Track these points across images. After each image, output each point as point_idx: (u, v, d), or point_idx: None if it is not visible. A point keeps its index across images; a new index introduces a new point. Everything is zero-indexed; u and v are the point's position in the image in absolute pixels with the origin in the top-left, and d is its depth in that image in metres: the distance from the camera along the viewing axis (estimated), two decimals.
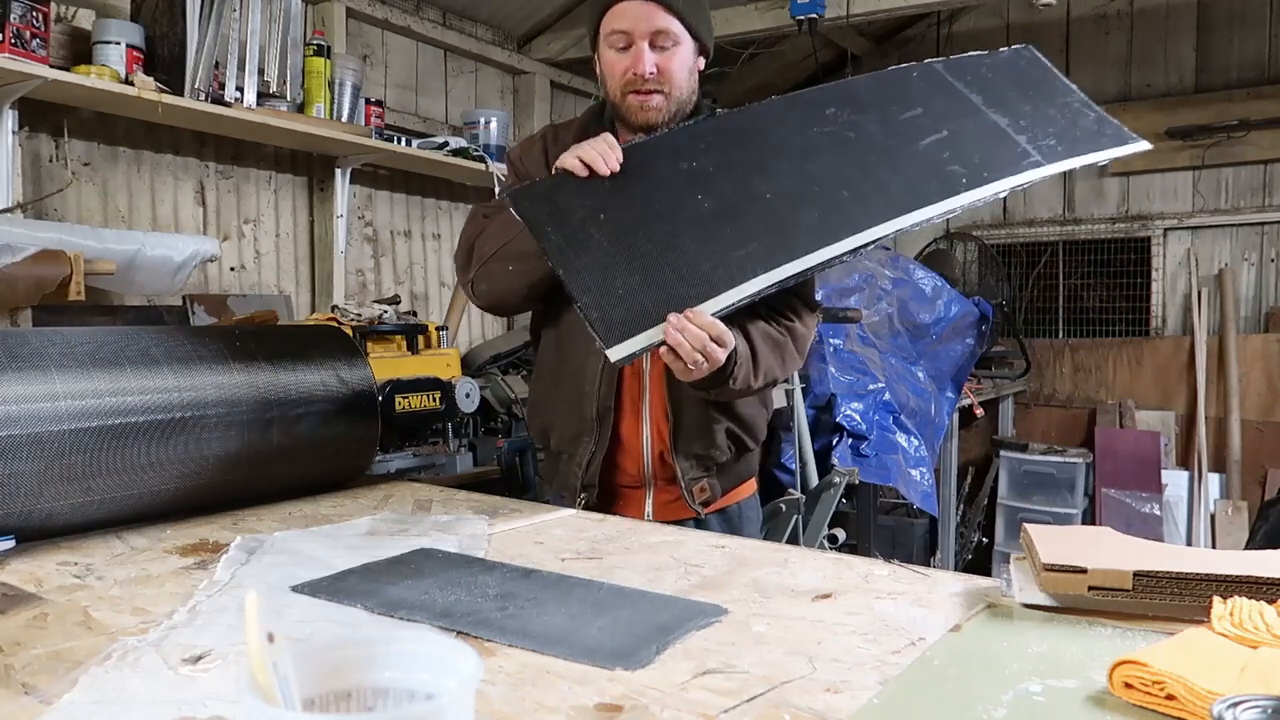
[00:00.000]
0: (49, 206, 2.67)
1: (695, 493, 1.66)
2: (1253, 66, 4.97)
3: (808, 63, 4.92)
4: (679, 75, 1.58)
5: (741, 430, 1.69)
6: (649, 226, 1.48)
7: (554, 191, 1.51)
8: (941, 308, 4.29)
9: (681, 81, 1.58)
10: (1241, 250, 5.04)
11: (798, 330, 1.62)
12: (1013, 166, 1.58)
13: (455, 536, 1.37)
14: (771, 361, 1.56)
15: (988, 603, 1.04)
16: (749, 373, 1.52)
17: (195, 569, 1.23)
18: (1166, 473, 4.98)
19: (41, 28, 2.38)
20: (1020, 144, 1.61)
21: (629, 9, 1.55)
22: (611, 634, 0.95)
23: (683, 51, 1.58)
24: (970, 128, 1.63)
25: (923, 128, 1.61)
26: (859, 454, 3.29)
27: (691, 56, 1.60)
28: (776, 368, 1.58)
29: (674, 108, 1.59)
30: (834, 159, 1.58)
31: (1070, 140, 1.65)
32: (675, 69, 1.57)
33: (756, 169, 1.55)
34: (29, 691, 0.83)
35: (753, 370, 1.52)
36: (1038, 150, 1.61)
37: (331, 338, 1.84)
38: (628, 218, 1.48)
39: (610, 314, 1.40)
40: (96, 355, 1.43)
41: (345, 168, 3.40)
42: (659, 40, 1.55)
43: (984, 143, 1.62)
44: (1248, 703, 0.68)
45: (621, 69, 1.57)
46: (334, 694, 0.61)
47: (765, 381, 1.58)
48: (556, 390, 1.69)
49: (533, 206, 1.50)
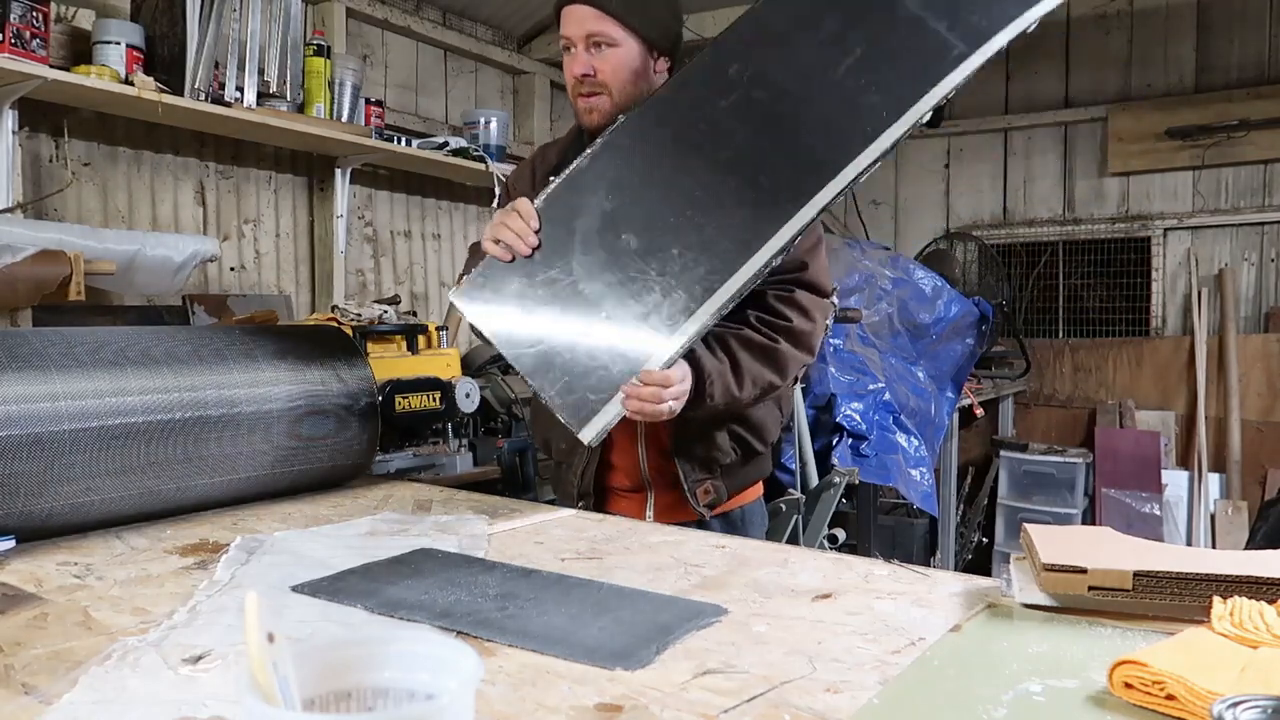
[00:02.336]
0: (49, 206, 2.67)
1: (699, 495, 1.65)
2: (1253, 66, 4.96)
3: None
4: (619, 76, 1.57)
5: (748, 432, 1.68)
6: (579, 289, 1.48)
7: (488, 279, 1.53)
8: (941, 308, 4.29)
9: (624, 82, 1.58)
10: (1241, 250, 5.04)
11: (796, 329, 1.59)
12: (936, 71, 1.38)
13: (455, 536, 1.37)
14: (760, 369, 1.54)
15: (988, 603, 1.04)
16: (729, 386, 1.51)
17: (195, 569, 1.23)
18: (1166, 473, 4.98)
19: (41, 28, 2.38)
20: (940, 32, 1.39)
21: (570, 13, 1.58)
22: (611, 634, 0.95)
23: (622, 53, 1.57)
24: (883, 31, 1.41)
25: (832, 54, 1.42)
26: (859, 454, 3.29)
27: (637, 58, 1.59)
28: (769, 373, 1.56)
29: (618, 113, 1.56)
30: (747, 136, 1.45)
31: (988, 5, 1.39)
32: (612, 71, 1.57)
33: (671, 182, 1.48)
34: (29, 691, 0.83)
35: (735, 383, 1.52)
36: (961, 36, 1.38)
37: (331, 338, 1.84)
38: (559, 287, 1.49)
39: (569, 399, 1.45)
40: (96, 355, 1.43)
41: (345, 168, 3.40)
42: (596, 42, 1.57)
43: (901, 48, 1.41)
44: (1248, 703, 0.68)
45: (570, 74, 1.61)
46: (334, 694, 0.61)
47: (758, 390, 1.56)
48: None
49: (477, 304, 1.54)
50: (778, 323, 1.57)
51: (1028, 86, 5.54)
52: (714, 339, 1.51)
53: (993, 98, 5.64)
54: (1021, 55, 5.55)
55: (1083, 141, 5.39)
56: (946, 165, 5.80)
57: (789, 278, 1.58)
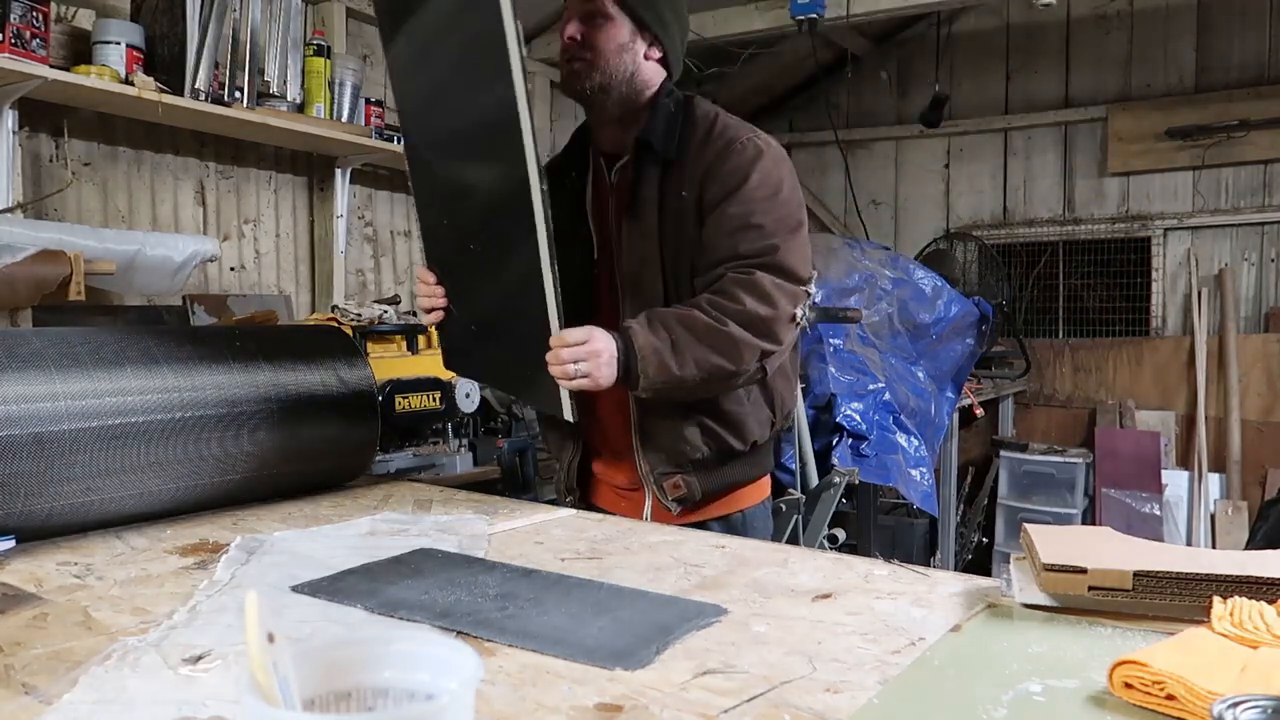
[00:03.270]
0: (49, 206, 2.67)
1: (668, 489, 1.61)
2: (1253, 66, 4.96)
3: (808, 63, 4.91)
4: (605, 49, 1.58)
5: (722, 428, 1.60)
6: (483, 305, 1.66)
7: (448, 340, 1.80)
8: (941, 308, 4.29)
9: (609, 55, 1.58)
10: (1241, 250, 5.04)
11: (750, 312, 1.49)
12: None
13: (455, 536, 1.37)
14: (703, 352, 1.47)
15: (988, 603, 1.04)
16: (666, 363, 1.45)
17: (195, 569, 1.23)
18: (1166, 473, 4.98)
19: (41, 28, 2.38)
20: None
21: None
22: (612, 634, 0.95)
23: (613, 29, 1.59)
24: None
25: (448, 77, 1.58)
26: (859, 454, 3.29)
27: (627, 36, 1.60)
28: (715, 357, 1.48)
29: (600, 79, 1.59)
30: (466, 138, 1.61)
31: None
32: (601, 41, 1.58)
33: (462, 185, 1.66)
34: (29, 691, 0.83)
35: (675, 362, 1.46)
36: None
37: (331, 338, 1.84)
38: (475, 311, 1.68)
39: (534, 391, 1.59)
40: (96, 355, 1.43)
41: (345, 168, 3.40)
42: (588, 13, 1.59)
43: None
44: (1248, 703, 0.68)
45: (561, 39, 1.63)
46: (334, 694, 0.61)
47: (703, 373, 1.48)
48: None
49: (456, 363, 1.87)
50: (728, 305, 1.50)
51: (1028, 86, 5.55)
52: (655, 317, 1.49)
53: (993, 97, 5.64)
54: (1022, 55, 5.56)
55: (1083, 141, 5.39)
56: (946, 165, 5.80)
57: (754, 261, 1.52)
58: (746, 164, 1.56)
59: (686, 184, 1.59)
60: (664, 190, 1.61)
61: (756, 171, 1.55)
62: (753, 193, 1.54)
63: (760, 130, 1.63)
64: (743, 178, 1.55)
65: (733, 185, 1.55)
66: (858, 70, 5.47)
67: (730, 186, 1.55)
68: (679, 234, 1.60)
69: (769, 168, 1.57)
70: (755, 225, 1.54)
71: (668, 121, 1.61)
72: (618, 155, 1.67)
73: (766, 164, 1.57)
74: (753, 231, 1.53)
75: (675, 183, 1.60)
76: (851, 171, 5.63)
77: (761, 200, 1.55)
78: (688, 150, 1.61)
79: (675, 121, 1.62)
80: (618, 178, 1.67)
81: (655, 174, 1.61)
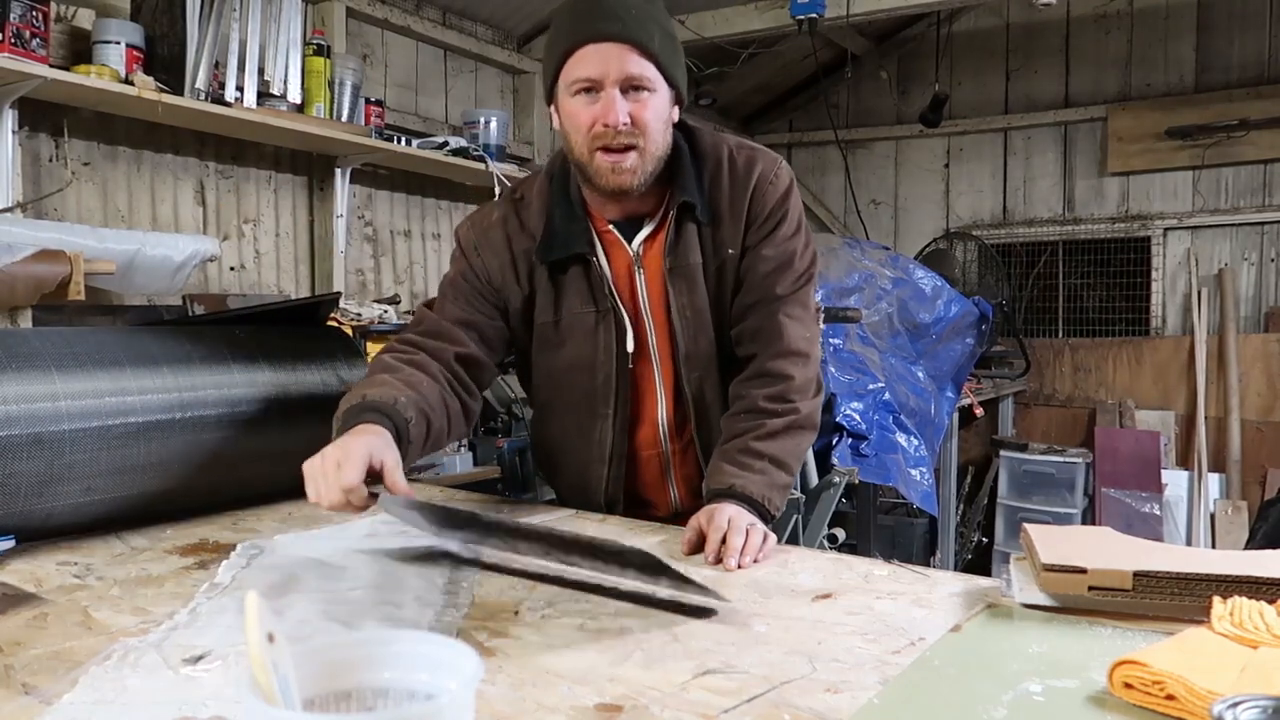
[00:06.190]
0: (49, 206, 2.67)
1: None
2: (1253, 66, 4.96)
3: (808, 63, 4.91)
4: (654, 127, 1.38)
5: None
6: None
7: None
8: (941, 307, 4.29)
9: (656, 135, 1.39)
10: (1241, 250, 5.04)
11: (802, 380, 1.46)
12: None
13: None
14: (790, 446, 1.44)
15: (988, 603, 1.04)
16: (777, 484, 1.40)
17: (195, 569, 1.23)
18: (1166, 473, 4.98)
19: (41, 27, 2.37)
20: None
21: (598, 52, 1.35)
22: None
23: (657, 101, 1.39)
24: None
25: None
26: (859, 454, 3.29)
27: (667, 107, 1.42)
28: (801, 441, 1.47)
29: (650, 166, 1.40)
30: None
31: None
32: (650, 120, 1.37)
33: None
34: (29, 691, 0.83)
35: (783, 475, 1.41)
36: None
37: (331, 338, 1.84)
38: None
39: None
40: (96, 355, 1.43)
41: (345, 167, 3.40)
42: (632, 87, 1.36)
43: None
44: (1248, 703, 0.68)
45: (589, 120, 1.37)
46: (334, 694, 0.61)
47: (800, 458, 1.49)
48: (564, 457, 1.61)
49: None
50: (782, 389, 1.46)
51: (1027, 86, 5.55)
52: (738, 453, 1.40)
53: (992, 97, 5.64)
54: (1022, 55, 5.56)
55: (1082, 141, 5.40)
56: (946, 165, 5.80)
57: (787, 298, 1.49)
58: (779, 202, 1.50)
59: (728, 238, 1.49)
60: (705, 250, 1.49)
61: (787, 207, 1.51)
62: (787, 231, 1.51)
63: (760, 146, 1.57)
64: (780, 218, 1.50)
65: (770, 227, 1.49)
66: (858, 70, 5.46)
67: (768, 229, 1.49)
68: (724, 292, 1.51)
69: (795, 200, 1.53)
70: (790, 266, 1.50)
71: (693, 173, 1.48)
72: (632, 220, 1.50)
73: (793, 197, 1.53)
74: (789, 272, 1.49)
75: (717, 239, 1.49)
76: (851, 171, 5.63)
77: (793, 238, 1.51)
78: (720, 201, 1.48)
79: (697, 170, 1.48)
80: (644, 248, 1.50)
81: (693, 234, 1.48)
